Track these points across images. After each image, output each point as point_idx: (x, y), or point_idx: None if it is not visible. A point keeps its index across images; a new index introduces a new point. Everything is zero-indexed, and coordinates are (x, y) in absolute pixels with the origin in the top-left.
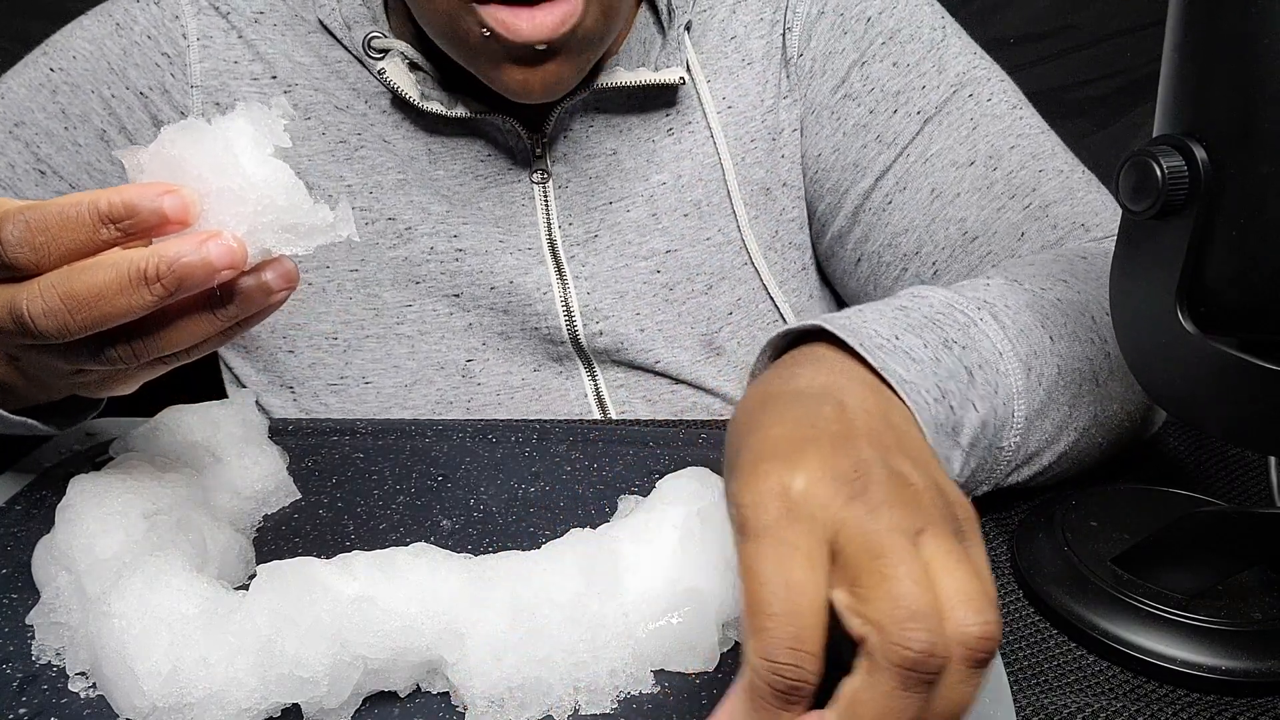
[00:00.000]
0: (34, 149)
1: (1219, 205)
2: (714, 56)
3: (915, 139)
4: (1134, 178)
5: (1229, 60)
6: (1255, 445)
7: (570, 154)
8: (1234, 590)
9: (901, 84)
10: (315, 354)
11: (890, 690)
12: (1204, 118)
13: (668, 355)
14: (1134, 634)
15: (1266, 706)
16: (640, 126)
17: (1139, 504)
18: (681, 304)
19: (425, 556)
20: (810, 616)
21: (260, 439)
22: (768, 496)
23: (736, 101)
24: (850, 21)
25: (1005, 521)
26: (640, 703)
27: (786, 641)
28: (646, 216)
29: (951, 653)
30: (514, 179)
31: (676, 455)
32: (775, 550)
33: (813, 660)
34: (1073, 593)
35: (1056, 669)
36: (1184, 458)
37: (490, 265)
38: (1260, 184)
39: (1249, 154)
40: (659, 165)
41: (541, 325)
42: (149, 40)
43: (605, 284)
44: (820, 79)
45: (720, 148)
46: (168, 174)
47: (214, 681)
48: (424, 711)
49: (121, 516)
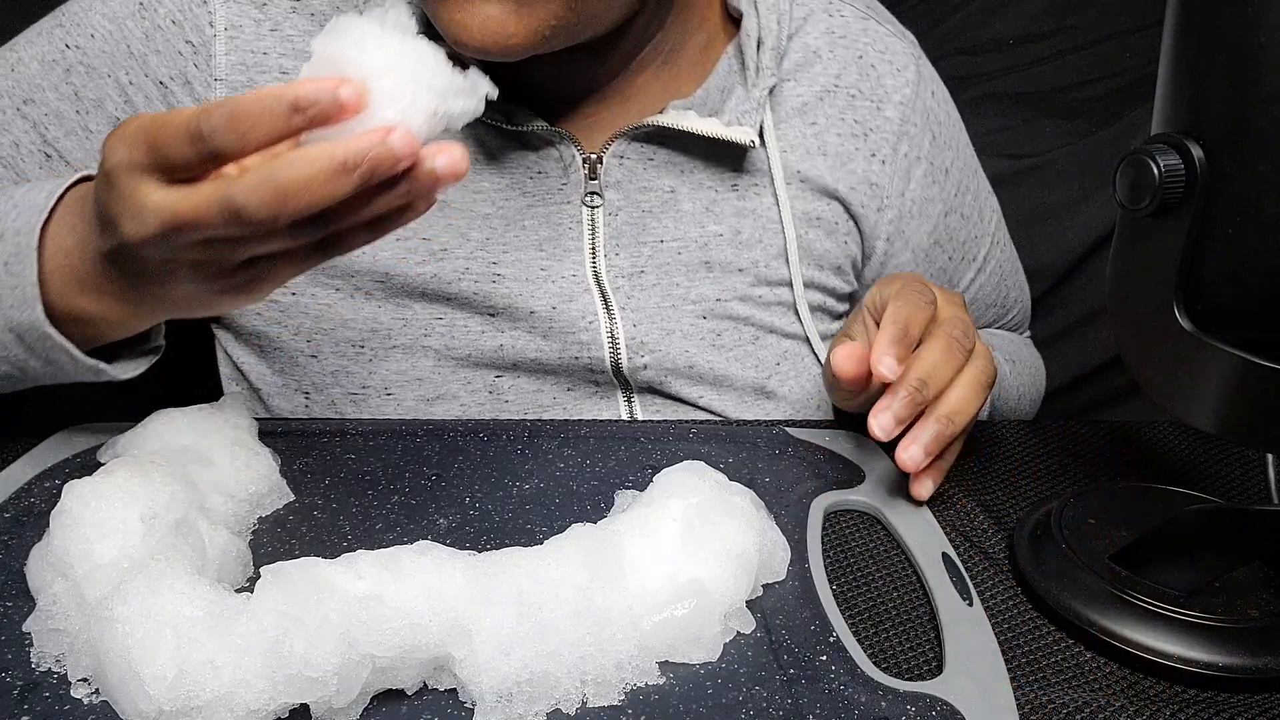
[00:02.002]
0: (41, 130)
1: (1215, 203)
2: (790, 131)
3: (969, 287)
4: (1131, 176)
5: (1226, 59)
6: (1252, 442)
7: (624, 182)
8: (1231, 587)
9: (966, 234)
10: (339, 361)
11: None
12: (1201, 116)
13: (712, 395)
14: (1132, 631)
15: (1263, 703)
16: (704, 173)
17: (1137, 501)
18: (730, 350)
19: (430, 554)
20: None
21: (251, 441)
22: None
23: (811, 179)
24: (939, 172)
25: (1004, 520)
26: (647, 694)
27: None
28: (698, 263)
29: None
30: (563, 200)
31: (668, 450)
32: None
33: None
34: (1071, 590)
35: (1055, 665)
36: (1181, 455)
37: (531, 290)
38: (1256, 182)
39: (1245, 152)
40: (717, 216)
41: (584, 354)
42: (173, 26)
43: (652, 319)
44: (918, 221)
45: (785, 219)
46: (331, 69)
47: (222, 684)
48: (432, 708)
49: (119, 521)
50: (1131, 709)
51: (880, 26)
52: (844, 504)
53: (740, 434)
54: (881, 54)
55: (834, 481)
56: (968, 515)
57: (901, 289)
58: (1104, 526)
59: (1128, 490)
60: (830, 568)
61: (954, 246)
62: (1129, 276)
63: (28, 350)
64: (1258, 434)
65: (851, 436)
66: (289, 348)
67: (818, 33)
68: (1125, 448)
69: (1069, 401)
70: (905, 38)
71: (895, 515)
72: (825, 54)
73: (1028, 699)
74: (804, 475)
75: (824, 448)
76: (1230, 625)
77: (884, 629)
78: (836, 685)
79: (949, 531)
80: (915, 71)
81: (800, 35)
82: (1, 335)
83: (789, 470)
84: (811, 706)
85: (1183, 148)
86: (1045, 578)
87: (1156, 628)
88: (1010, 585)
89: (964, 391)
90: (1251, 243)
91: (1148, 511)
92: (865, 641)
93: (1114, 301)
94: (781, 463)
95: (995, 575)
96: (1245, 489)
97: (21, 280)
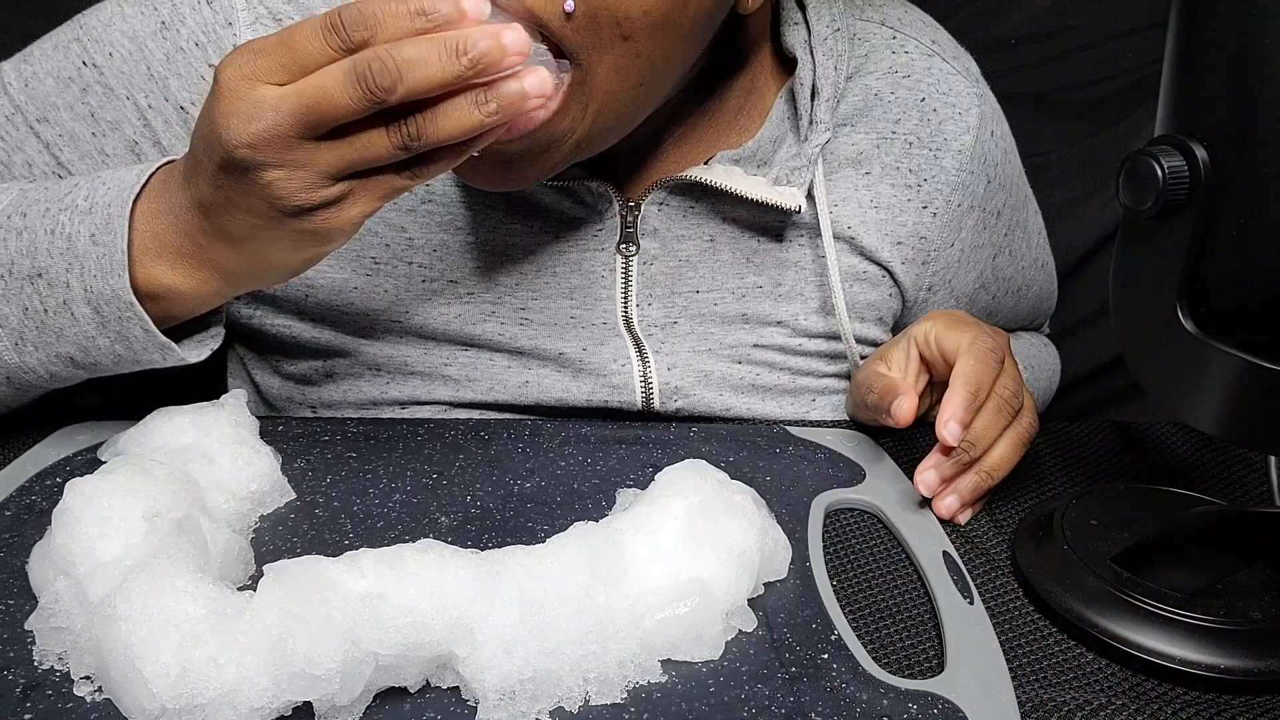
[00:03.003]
0: (55, 151)
1: (1219, 205)
2: (841, 182)
3: (1009, 314)
4: (1135, 177)
5: (1230, 61)
6: (1254, 444)
7: (662, 230)
8: (1233, 589)
9: (1014, 269)
10: (353, 382)
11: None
12: (1204, 118)
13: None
14: (1134, 632)
15: (1265, 705)
16: (746, 222)
17: (1139, 503)
18: (767, 390)
19: (433, 552)
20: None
21: (252, 439)
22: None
23: (860, 235)
24: (989, 216)
25: (1005, 521)
26: (649, 692)
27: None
28: (735, 315)
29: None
30: (597, 246)
31: (669, 449)
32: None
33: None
34: (1073, 591)
35: (1056, 666)
36: (1184, 457)
37: (560, 334)
38: (1260, 184)
39: (1249, 154)
40: (757, 267)
41: (614, 398)
42: (196, 48)
43: (686, 363)
44: (965, 270)
45: (832, 275)
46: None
47: (225, 682)
48: (435, 706)
49: (121, 519)
50: (1133, 708)
51: (945, 64)
52: (845, 503)
53: (741, 433)
54: (944, 96)
55: (835, 480)
56: None
57: (972, 344)
58: (1106, 528)
59: (1130, 492)
60: (831, 566)
61: (999, 286)
62: (1132, 278)
63: (100, 325)
64: (1260, 436)
65: (852, 436)
66: (303, 369)
67: (880, 72)
68: (1127, 449)
69: (1070, 402)
70: (969, 74)
71: (896, 514)
72: (887, 97)
73: (1029, 698)
74: (805, 474)
75: (825, 446)
76: (1232, 627)
77: (885, 627)
78: (838, 683)
79: (949, 531)
80: (978, 115)
81: (861, 75)
82: (78, 308)
83: (790, 469)
84: (813, 704)
85: (1186, 149)
86: (1047, 578)
87: (1158, 629)
88: (1010, 585)
89: (1006, 449)
90: (1255, 245)
91: (1150, 513)
92: (866, 640)
93: (1117, 302)
94: (783, 461)
95: (995, 575)
96: (1247, 491)
97: (110, 250)
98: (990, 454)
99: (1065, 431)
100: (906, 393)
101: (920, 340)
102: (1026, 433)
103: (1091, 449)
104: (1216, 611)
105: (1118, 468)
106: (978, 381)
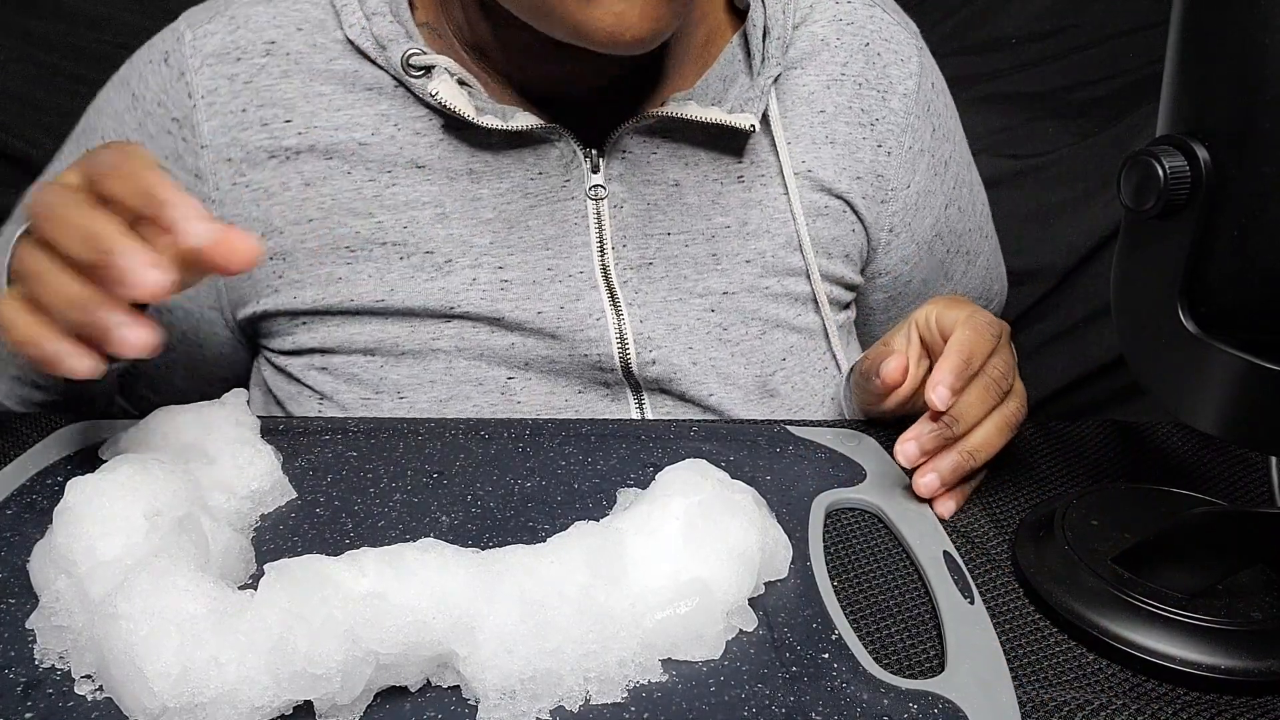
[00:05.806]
0: None
1: (1221, 205)
2: (797, 120)
3: (960, 279)
4: (1136, 177)
5: (1231, 60)
6: (1255, 445)
7: (628, 175)
8: (1234, 590)
9: (963, 227)
10: (350, 370)
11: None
12: (1206, 118)
13: (720, 392)
14: (1134, 632)
15: (1266, 706)
16: (709, 164)
17: (1140, 503)
18: (735, 345)
19: (433, 552)
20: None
21: (253, 438)
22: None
23: (816, 170)
24: (939, 165)
25: (1004, 520)
26: (650, 691)
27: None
28: (706, 255)
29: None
30: (567, 196)
31: (669, 448)
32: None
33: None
34: (1073, 591)
35: (1057, 666)
36: (1185, 457)
37: (539, 293)
38: (1262, 184)
39: (1251, 154)
40: (724, 209)
41: (591, 352)
42: (159, 108)
43: (658, 314)
44: (922, 214)
45: (795, 209)
46: None
47: (225, 681)
48: (435, 705)
49: (122, 518)
50: (1133, 708)
51: (885, 15)
52: (845, 502)
53: (742, 432)
54: (886, 42)
55: (835, 480)
56: (968, 514)
57: (970, 317)
58: (1107, 528)
59: (1131, 492)
60: (832, 566)
61: (952, 239)
62: (1133, 278)
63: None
64: (1261, 436)
65: (853, 435)
66: (301, 365)
67: (825, 20)
68: (1127, 449)
69: (1070, 402)
70: (908, 27)
71: (896, 514)
72: (833, 42)
73: (1030, 698)
74: (805, 473)
75: (825, 446)
76: (1233, 628)
77: (886, 627)
78: (839, 683)
79: (950, 530)
80: (918, 63)
81: (807, 24)
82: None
83: (790, 468)
84: (814, 704)
85: (1188, 149)
86: (1047, 578)
87: (1159, 629)
88: (1011, 585)
89: (990, 429)
90: (1256, 245)
91: (1151, 513)
92: (867, 639)
93: (1118, 302)
94: (783, 461)
95: (996, 575)
96: (1248, 491)
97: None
98: (974, 434)
99: (1065, 431)
100: (897, 355)
101: (921, 323)
102: (1014, 417)
103: (1092, 449)
104: (1217, 612)
105: (1118, 468)
106: (971, 350)
